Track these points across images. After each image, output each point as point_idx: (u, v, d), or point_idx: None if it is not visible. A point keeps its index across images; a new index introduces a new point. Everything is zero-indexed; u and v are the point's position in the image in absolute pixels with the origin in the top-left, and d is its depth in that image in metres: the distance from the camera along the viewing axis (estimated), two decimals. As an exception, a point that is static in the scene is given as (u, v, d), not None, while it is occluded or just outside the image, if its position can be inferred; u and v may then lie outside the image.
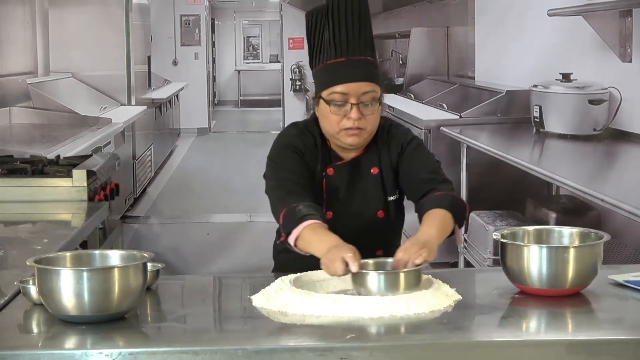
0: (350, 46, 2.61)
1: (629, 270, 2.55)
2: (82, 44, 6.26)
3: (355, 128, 2.59)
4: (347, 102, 2.58)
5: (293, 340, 1.99)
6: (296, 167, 2.64)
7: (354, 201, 2.69)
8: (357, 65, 2.61)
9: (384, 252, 2.65)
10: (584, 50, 5.56)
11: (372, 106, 2.59)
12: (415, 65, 6.69)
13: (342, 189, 2.68)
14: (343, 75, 2.59)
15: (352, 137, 2.61)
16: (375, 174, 2.71)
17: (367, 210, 2.69)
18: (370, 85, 2.59)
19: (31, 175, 4.22)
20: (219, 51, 9.95)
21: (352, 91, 2.58)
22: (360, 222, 2.66)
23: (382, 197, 2.70)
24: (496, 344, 2.00)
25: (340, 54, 2.61)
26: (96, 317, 2.05)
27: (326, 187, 2.68)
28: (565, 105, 5.62)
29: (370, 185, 2.70)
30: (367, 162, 2.70)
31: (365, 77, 2.60)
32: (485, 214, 5.68)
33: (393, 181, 2.71)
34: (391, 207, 2.72)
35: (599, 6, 5.43)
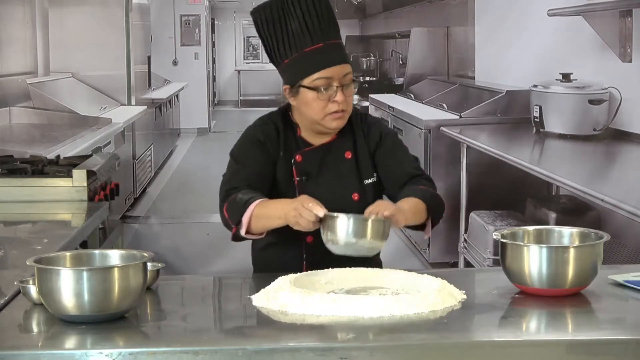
0: (325, 32, 2.66)
1: (629, 270, 2.55)
2: (82, 44, 6.25)
3: (340, 111, 2.65)
4: (331, 86, 2.63)
5: (293, 340, 1.99)
6: (251, 160, 2.69)
7: (327, 185, 2.72)
8: (335, 48, 2.67)
9: None
10: (584, 50, 5.56)
11: (350, 88, 2.66)
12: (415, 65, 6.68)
13: (313, 173, 2.72)
14: (324, 60, 2.64)
15: (337, 120, 2.67)
16: (349, 158, 2.74)
17: (341, 194, 2.72)
18: (348, 67, 2.67)
19: (31, 175, 4.22)
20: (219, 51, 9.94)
21: (335, 75, 2.64)
22: (334, 206, 2.62)
23: (357, 181, 2.74)
24: (496, 344, 2.00)
25: (317, 40, 2.65)
26: (96, 317, 2.05)
27: (296, 172, 2.71)
28: (565, 105, 5.62)
29: (343, 169, 2.74)
30: (339, 147, 2.75)
31: (344, 59, 2.67)
32: (485, 214, 5.67)
33: (370, 165, 2.75)
34: (368, 190, 2.75)
35: (599, 6, 5.42)
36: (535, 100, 5.71)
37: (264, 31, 2.71)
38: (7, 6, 5.99)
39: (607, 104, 5.44)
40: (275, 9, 2.68)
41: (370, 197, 2.73)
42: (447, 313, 2.16)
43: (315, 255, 2.69)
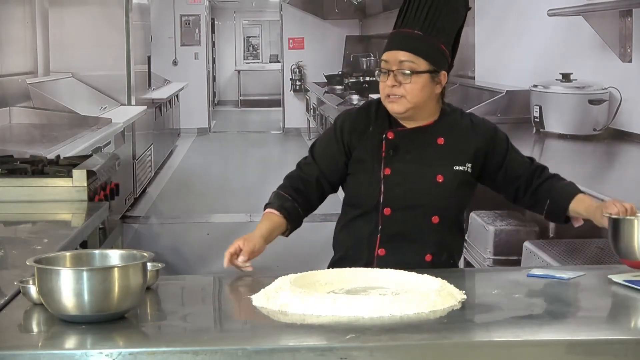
0: (405, 20, 2.79)
1: (628, 270, 2.55)
2: (82, 44, 6.25)
3: (392, 95, 2.76)
4: (388, 70, 2.76)
5: (293, 340, 1.99)
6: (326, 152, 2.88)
7: (413, 162, 2.80)
8: (402, 36, 2.78)
9: (440, 220, 2.80)
10: (584, 50, 5.56)
11: (410, 76, 2.74)
12: (416, 65, 6.67)
13: (402, 150, 2.81)
14: (388, 44, 2.80)
15: (391, 103, 2.78)
16: (440, 144, 2.82)
17: (426, 172, 2.80)
18: (409, 55, 2.75)
19: (31, 175, 4.22)
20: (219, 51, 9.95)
21: (391, 59, 2.76)
22: (417, 182, 2.79)
23: (445, 165, 2.81)
24: (496, 344, 2.00)
25: (398, 26, 2.81)
26: (96, 317, 2.05)
27: (385, 147, 2.80)
28: (565, 105, 5.62)
29: (432, 151, 2.82)
30: (432, 132, 2.83)
31: (402, 47, 2.76)
32: (485, 214, 5.67)
33: (466, 156, 2.82)
34: (455, 176, 2.81)
35: (599, 6, 5.42)
36: (535, 100, 5.71)
37: None
38: (7, 6, 5.99)
39: (607, 104, 5.44)
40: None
41: (455, 183, 2.81)
42: (447, 313, 2.16)
43: (390, 229, 2.79)
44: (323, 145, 2.92)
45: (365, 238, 2.81)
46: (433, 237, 2.80)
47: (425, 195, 2.78)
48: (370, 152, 2.81)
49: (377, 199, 2.78)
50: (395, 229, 2.79)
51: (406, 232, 2.78)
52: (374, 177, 2.79)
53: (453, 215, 2.85)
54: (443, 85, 2.81)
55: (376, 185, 2.79)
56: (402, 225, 2.78)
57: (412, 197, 2.77)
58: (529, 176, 2.86)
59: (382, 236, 2.79)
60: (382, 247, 2.79)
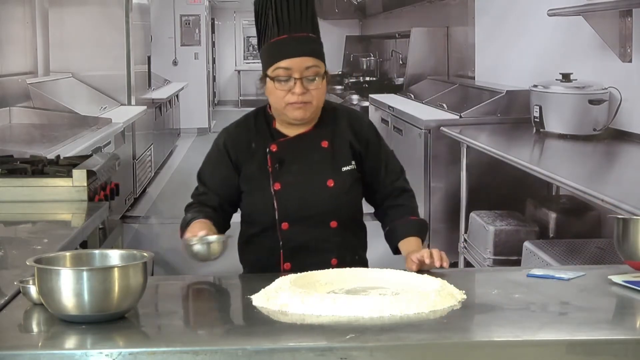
0: (292, 24, 2.70)
1: (628, 270, 2.55)
2: (82, 44, 6.25)
3: (300, 102, 2.69)
4: (291, 77, 2.68)
5: (293, 340, 1.99)
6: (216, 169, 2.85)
7: (301, 172, 2.77)
8: (299, 41, 2.70)
9: (338, 223, 2.76)
10: (584, 50, 5.56)
11: (315, 81, 2.69)
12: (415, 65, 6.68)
13: (287, 161, 2.77)
14: (285, 51, 2.69)
15: (297, 110, 2.71)
16: (324, 147, 2.79)
17: (315, 180, 2.76)
18: (313, 60, 2.69)
19: (31, 175, 4.22)
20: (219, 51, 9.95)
21: (295, 66, 2.68)
22: (308, 191, 2.75)
23: (333, 168, 2.77)
24: (496, 344, 2.00)
25: (283, 32, 2.70)
26: (96, 317, 2.05)
27: (271, 161, 2.76)
28: (565, 105, 5.62)
29: (318, 157, 2.78)
30: (315, 137, 2.79)
31: (307, 52, 2.69)
32: (485, 214, 5.67)
33: (349, 155, 2.79)
34: (345, 177, 2.78)
35: (599, 6, 5.42)
36: (535, 100, 5.71)
37: (255, 21, 2.80)
38: (7, 6, 5.99)
39: (607, 104, 5.44)
40: (261, 1, 2.75)
41: (347, 183, 2.78)
42: (447, 313, 2.16)
43: (291, 242, 2.76)
44: (211, 170, 2.87)
45: (268, 254, 2.78)
46: (334, 241, 2.77)
47: (319, 203, 2.74)
48: (257, 168, 2.77)
49: (273, 215, 2.74)
50: (296, 242, 2.75)
51: (308, 242, 2.75)
52: (265, 194, 2.74)
53: (351, 215, 2.82)
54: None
55: (269, 201, 2.74)
56: (302, 237, 2.74)
57: (306, 207, 2.73)
58: (385, 194, 2.86)
59: (284, 251, 2.76)
60: (287, 261, 2.76)
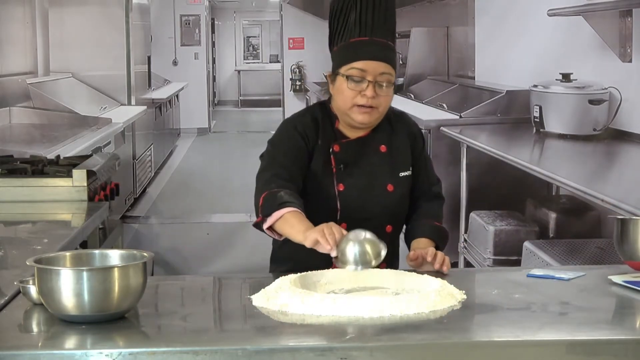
0: (375, 28, 2.72)
1: (628, 270, 2.55)
2: (82, 44, 6.26)
3: (367, 106, 2.69)
4: (364, 79, 2.68)
5: (293, 340, 1.99)
6: (291, 149, 2.73)
7: (363, 175, 2.77)
8: (379, 45, 2.71)
9: (393, 228, 2.78)
10: (584, 50, 5.56)
11: (386, 88, 2.70)
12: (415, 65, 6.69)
13: (350, 163, 2.77)
14: (364, 52, 2.69)
15: (363, 114, 2.71)
16: (383, 152, 2.80)
17: (376, 184, 2.78)
18: (388, 67, 2.70)
19: (31, 175, 4.22)
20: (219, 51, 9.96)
21: (370, 69, 2.68)
22: (370, 195, 2.76)
23: (391, 173, 2.80)
24: (496, 344, 2.00)
25: (365, 33, 2.71)
26: (96, 317, 2.05)
27: (335, 162, 2.76)
28: (565, 105, 5.62)
29: (378, 161, 2.80)
30: (374, 141, 2.81)
31: (384, 58, 2.70)
32: (485, 214, 5.68)
33: (407, 160, 2.83)
34: (404, 182, 2.82)
35: (599, 6, 5.42)
36: (535, 100, 5.71)
37: (331, 19, 2.79)
38: (7, 6, 5.99)
39: (607, 104, 5.44)
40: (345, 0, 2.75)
41: (405, 188, 2.82)
42: (447, 313, 2.16)
43: None
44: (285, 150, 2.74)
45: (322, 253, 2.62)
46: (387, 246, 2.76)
47: (378, 206, 2.76)
48: (322, 167, 2.75)
49: (335, 216, 2.72)
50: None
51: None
52: (329, 194, 2.73)
53: (403, 222, 2.85)
54: None
55: (332, 201, 2.72)
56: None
57: (367, 209, 2.75)
58: (419, 198, 2.88)
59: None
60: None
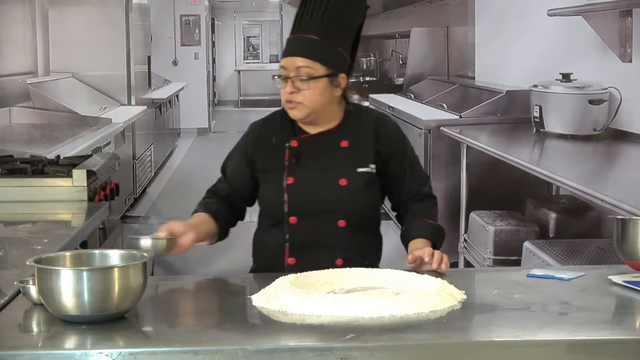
0: (301, 26, 2.78)
1: (628, 270, 2.55)
2: (82, 44, 6.25)
3: (291, 101, 2.76)
4: (287, 77, 2.76)
5: (293, 340, 1.99)
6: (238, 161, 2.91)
7: (316, 168, 2.81)
8: (299, 41, 2.77)
9: (347, 223, 2.78)
10: (584, 50, 5.56)
11: (308, 82, 2.73)
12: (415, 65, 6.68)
13: (305, 157, 2.81)
14: (285, 50, 2.79)
15: (291, 109, 2.79)
16: (344, 146, 2.82)
17: (328, 177, 2.80)
18: (305, 61, 2.74)
19: (31, 175, 4.22)
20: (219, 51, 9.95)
21: (289, 65, 2.75)
22: (320, 188, 2.79)
23: (348, 167, 2.80)
24: (496, 344, 2.00)
25: (294, 31, 2.80)
26: (96, 317, 2.05)
27: (289, 156, 2.81)
28: (565, 105, 5.62)
29: (336, 155, 2.82)
30: (336, 135, 2.83)
31: (300, 53, 2.75)
32: (485, 214, 5.67)
33: (369, 157, 2.82)
34: (360, 178, 2.81)
35: (599, 6, 5.43)
36: (535, 100, 5.71)
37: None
38: (7, 6, 5.99)
39: (607, 104, 5.44)
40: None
41: (360, 184, 2.80)
42: (447, 313, 2.16)
43: (297, 237, 2.79)
44: (232, 160, 2.95)
45: (276, 248, 2.81)
46: (341, 241, 2.78)
47: (329, 201, 2.77)
48: (276, 163, 2.82)
49: (282, 209, 2.78)
50: (302, 237, 2.78)
51: (314, 239, 2.77)
52: (278, 187, 2.79)
53: (361, 217, 2.83)
54: (343, 87, 2.81)
55: (280, 194, 2.79)
56: (309, 233, 2.77)
57: (316, 203, 2.77)
58: (409, 200, 2.89)
59: (290, 245, 2.79)
60: (292, 256, 2.79)
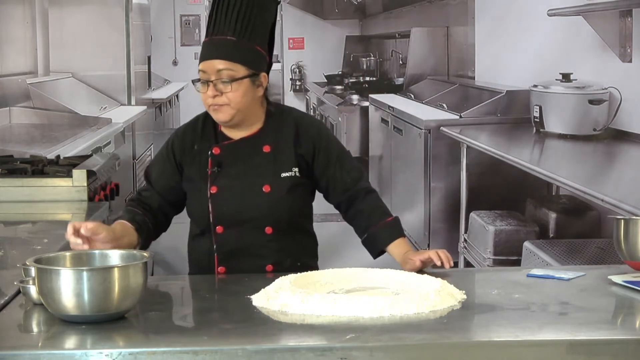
0: (215, 27, 2.74)
1: (628, 270, 2.55)
2: (82, 44, 6.25)
3: (215, 104, 2.72)
4: (208, 80, 2.71)
5: (293, 340, 1.99)
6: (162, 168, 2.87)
7: (239, 176, 2.77)
8: (216, 44, 2.73)
9: (274, 229, 2.75)
10: (584, 50, 5.56)
11: (232, 84, 2.69)
12: (415, 65, 6.68)
13: (227, 165, 2.77)
14: (202, 54, 2.75)
15: (215, 112, 2.74)
16: (266, 152, 2.78)
17: (252, 185, 2.76)
18: (226, 63, 2.70)
19: (31, 175, 4.22)
20: (219, 51, 9.96)
21: (209, 69, 2.71)
22: (244, 196, 2.75)
23: (271, 173, 2.77)
24: (496, 344, 2.00)
25: (209, 34, 2.75)
26: (96, 317, 2.05)
27: (211, 164, 2.77)
28: (565, 105, 5.62)
29: (258, 161, 2.78)
30: (258, 141, 2.79)
31: (219, 55, 2.71)
32: (485, 214, 5.67)
33: (291, 160, 2.78)
34: (283, 183, 2.77)
35: (599, 6, 5.42)
36: (535, 100, 5.71)
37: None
38: (7, 6, 5.99)
39: (607, 104, 5.44)
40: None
41: (284, 190, 2.76)
42: (447, 313, 2.16)
43: (225, 246, 2.76)
44: (156, 169, 2.89)
45: (205, 256, 2.79)
46: (270, 247, 2.75)
47: (253, 209, 2.74)
48: (197, 171, 2.78)
49: (208, 219, 2.75)
50: (230, 246, 2.75)
51: (242, 247, 2.75)
52: (202, 197, 2.75)
53: (288, 222, 2.78)
54: (264, 86, 2.78)
55: (205, 204, 2.75)
56: (236, 242, 2.74)
57: (240, 212, 2.73)
58: (351, 197, 2.81)
59: (218, 255, 2.76)
60: (221, 265, 2.76)
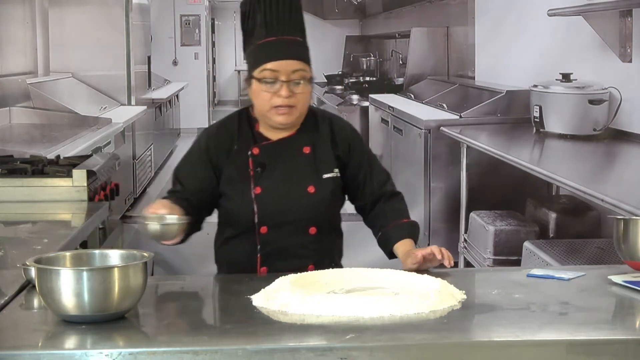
0: (281, 27, 2.70)
1: (628, 270, 2.55)
2: (82, 44, 6.25)
3: (285, 106, 2.68)
4: (278, 80, 2.66)
5: (293, 340, 1.99)
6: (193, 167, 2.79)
7: (282, 177, 2.76)
8: (288, 44, 2.70)
9: (318, 229, 2.76)
10: (584, 50, 5.56)
11: (302, 85, 2.68)
12: (415, 65, 6.68)
13: (269, 166, 2.75)
14: (274, 53, 2.68)
15: (282, 115, 2.70)
16: (306, 153, 2.78)
17: (296, 186, 2.75)
18: (300, 64, 2.68)
19: (31, 175, 4.22)
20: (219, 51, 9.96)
21: (282, 69, 2.66)
22: (289, 197, 2.74)
23: (314, 174, 2.76)
24: (496, 344, 2.00)
25: (272, 34, 2.69)
26: (96, 317, 2.05)
27: (252, 164, 2.75)
28: (565, 105, 5.62)
29: (300, 162, 2.77)
30: (297, 142, 2.78)
31: (294, 56, 2.69)
32: (485, 214, 5.67)
33: (331, 162, 2.78)
34: (326, 184, 2.77)
35: (599, 6, 5.43)
36: (535, 100, 5.71)
37: (241, 23, 2.80)
38: (7, 6, 5.99)
39: (607, 104, 5.44)
40: (250, 2, 2.75)
41: (327, 190, 2.77)
42: (447, 313, 2.16)
43: (268, 247, 2.76)
44: (189, 170, 2.82)
45: (245, 257, 2.77)
46: (313, 247, 2.76)
47: (298, 209, 2.74)
48: (238, 171, 2.75)
49: (252, 219, 2.73)
50: (274, 246, 2.75)
51: (285, 247, 2.74)
52: (245, 198, 2.73)
53: (329, 222, 2.81)
54: None
55: (249, 205, 2.73)
56: (280, 242, 2.74)
57: (286, 213, 2.73)
58: (374, 201, 2.84)
59: (262, 255, 2.76)
60: (264, 265, 2.76)
